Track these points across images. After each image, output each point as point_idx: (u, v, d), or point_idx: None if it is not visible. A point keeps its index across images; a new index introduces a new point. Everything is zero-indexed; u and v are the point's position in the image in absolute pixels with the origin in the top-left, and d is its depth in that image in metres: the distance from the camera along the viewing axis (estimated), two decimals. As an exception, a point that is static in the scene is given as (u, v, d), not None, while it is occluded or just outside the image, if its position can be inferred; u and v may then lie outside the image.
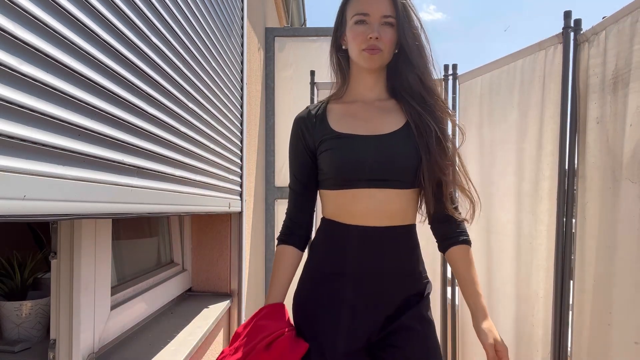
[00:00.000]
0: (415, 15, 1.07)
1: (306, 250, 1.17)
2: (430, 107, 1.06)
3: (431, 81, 1.08)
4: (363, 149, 1.03)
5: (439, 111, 1.06)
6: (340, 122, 1.08)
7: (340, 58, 1.15)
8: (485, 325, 1.01)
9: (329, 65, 1.19)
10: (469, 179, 1.08)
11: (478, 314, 1.04)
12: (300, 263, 1.16)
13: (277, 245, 1.15)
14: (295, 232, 1.14)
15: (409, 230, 1.08)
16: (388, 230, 1.04)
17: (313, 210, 1.16)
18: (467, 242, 1.10)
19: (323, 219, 1.12)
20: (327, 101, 1.16)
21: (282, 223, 1.17)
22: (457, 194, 1.11)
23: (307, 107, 1.17)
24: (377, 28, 1.03)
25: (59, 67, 0.66)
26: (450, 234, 1.10)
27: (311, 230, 1.17)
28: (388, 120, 1.07)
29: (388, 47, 1.05)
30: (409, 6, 1.06)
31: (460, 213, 1.10)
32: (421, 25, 1.08)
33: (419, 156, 1.02)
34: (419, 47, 1.06)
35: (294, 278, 1.15)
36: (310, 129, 1.10)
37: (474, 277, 1.07)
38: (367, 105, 1.10)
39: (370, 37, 1.02)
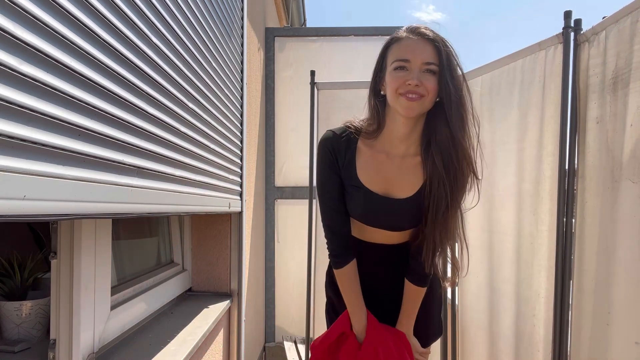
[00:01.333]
0: (459, 66, 1.04)
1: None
2: (455, 171, 1.05)
3: (464, 140, 1.04)
4: (377, 208, 1.13)
5: (462, 177, 1.06)
6: (365, 171, 1.14)
7: (378, 104, 1.12)
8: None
9: (366, 108, 1.16)
10: (465, 248, 1.17)
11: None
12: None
13: (339, 267, 1.20)
14: (349, 249, 1.21)
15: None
16: (393, 246, 1.23)
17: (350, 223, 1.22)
18: (421, 285, 1.20)
19: None
20: (358, 134, 1.16)
21: (332, 244, 1.21)
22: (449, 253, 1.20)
23: (332, 132, 1.17)
24: (417, 75, 1.00)
25: (59, 67, 0.66)
26: (415, 269, 1.19)
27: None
28: (405, 184, 1.12)
29: (430, 94, 1.01)
30: (453, 55, 1.03)
31: (434, 265, 1.15)
32: (464, 76, 1.05)
33: (421, 221, 1.12)
34: (459, 100, 1.02)
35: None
36: (340, 160, 1.15)
37: (409, 307, 1.22)
38: (392, 161, 1.13)
39: (409, 84, 0.99)
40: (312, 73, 2.43)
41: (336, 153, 1.15)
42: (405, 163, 1.12)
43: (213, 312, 1.76)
